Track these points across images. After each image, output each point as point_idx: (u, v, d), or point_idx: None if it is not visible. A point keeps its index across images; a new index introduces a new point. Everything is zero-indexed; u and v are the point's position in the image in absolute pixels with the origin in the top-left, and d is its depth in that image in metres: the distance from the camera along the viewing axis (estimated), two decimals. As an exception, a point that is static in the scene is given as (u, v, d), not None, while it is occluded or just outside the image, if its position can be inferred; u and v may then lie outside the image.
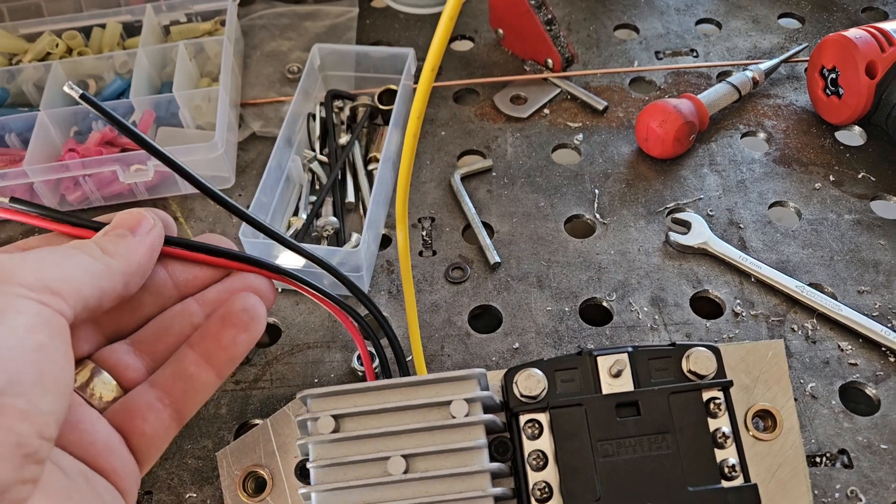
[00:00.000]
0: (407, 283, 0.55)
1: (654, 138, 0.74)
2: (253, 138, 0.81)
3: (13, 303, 0.30)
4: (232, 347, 0.40)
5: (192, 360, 0.39)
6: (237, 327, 0.40)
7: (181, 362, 0.39)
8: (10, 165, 0.77)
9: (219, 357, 0.40)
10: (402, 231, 0.52)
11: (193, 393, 0.39)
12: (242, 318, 0.40)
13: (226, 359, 0.40)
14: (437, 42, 0.43)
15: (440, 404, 0.50)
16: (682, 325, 0.65)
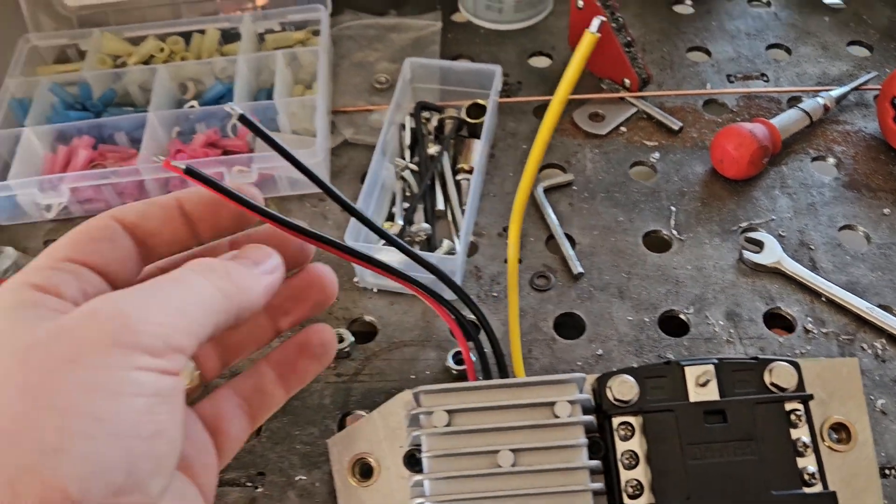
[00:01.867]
0: (512, 289, 0.59)
1: (729, 160, 0.78)
2: (344, 144, 0.86)
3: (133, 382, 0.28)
4: (304, 375, 0.44)
5: (270, 378, 0.43)
6: (311, 358, 0.44)
7: (261, 378, 0.43)
8: (121, 163, 0.82)
9: (292, 381, 0.43)
10: (514, 238, 0.56)
11: (266, 407, 0.43)
12: (317, 350, 0.44)
13: (297, 383, 0.44)
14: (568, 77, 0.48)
15: (543, 405, 0.55)
16: (755, 340, 0.69)
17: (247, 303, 0.35)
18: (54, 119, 0.86)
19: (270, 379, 0.43)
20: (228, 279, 0.34)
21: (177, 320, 0.31)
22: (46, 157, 0.83)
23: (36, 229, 0.82)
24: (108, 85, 0.89)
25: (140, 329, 0.29)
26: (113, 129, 0.84)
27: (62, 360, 0.28)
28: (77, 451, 0.26)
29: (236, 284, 0.35)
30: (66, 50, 0.94)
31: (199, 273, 0.34)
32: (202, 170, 0.38)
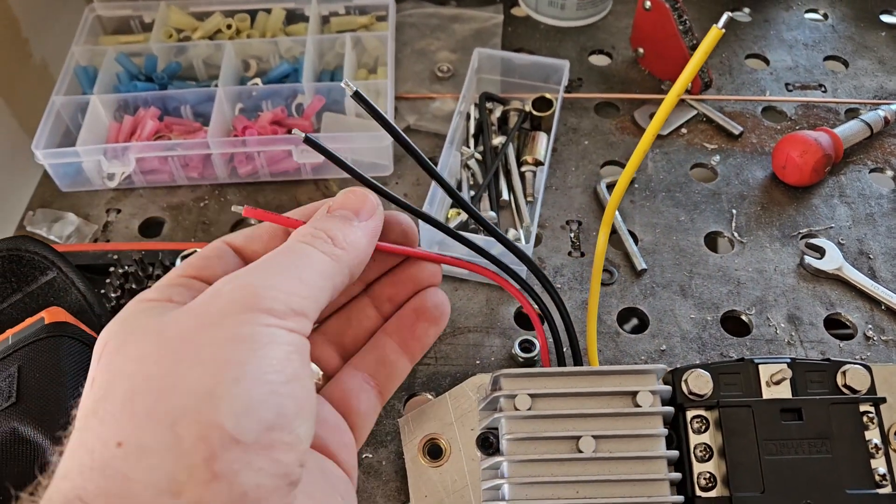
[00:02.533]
0: (595, 279, 0.60)
1: (792, 167, 0.79)
2: (407, 130, 0.86)
3: (266, 334, 0.30)
4: (424, 338, 0.43)
5: (392, 347, 0.43)
6: (429, 321, 0.43)
7: (382, 349, 0.43)
8: (186, 136, 0.82)
9: (413, 346, 0.43)
10: (605, 228, 0.57)
11: (393, 377, 0.43)
12: (434, 312, 0.43)
13: (419, 348, 0.44)
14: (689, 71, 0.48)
15: (624, 393, 0.56)
16: (816, 344, 0.70)
17: (355, 258, 0.36)
18: (120, 89, 0.86)
19: (392, 349, 0.43)
20: (333, 242, 0.35)
21: (295, 287, 0.32)
22: (112, 126, 0.83)
23: (98, 197, 0.82)
24: (172, 58, 0.89)
25: (264, 295, 0.30)
26: (178, 102, 0.84)
27: (198, 326, 0.30)
28: (228, 393, 0.28)
29: (341, 245, 0.35)
30: (129, 21, 0.94)
31: (308, 242, 0.35)
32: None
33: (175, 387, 0.28)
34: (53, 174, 0.81)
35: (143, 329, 0.30)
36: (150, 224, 0.81)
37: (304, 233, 0.35)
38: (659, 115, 0.49)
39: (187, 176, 0.82)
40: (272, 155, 0.80)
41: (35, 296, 0.63)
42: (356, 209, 0.37)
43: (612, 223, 0.57)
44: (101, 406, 0.28)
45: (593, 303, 0.61)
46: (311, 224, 0.36)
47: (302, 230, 0.36)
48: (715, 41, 0.47)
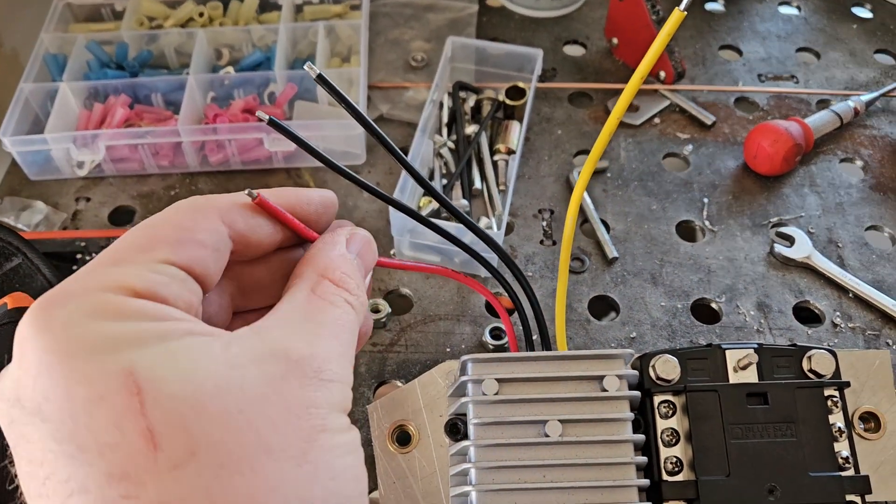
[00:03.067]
0: (563, 265, 0.60)
1: (763, 156, 0.79)
2: (379, 120, 0.86)
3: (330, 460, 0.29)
4: None
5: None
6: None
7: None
8: (157, 123, 0.81)
9: None
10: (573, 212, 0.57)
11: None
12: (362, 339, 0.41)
13: None
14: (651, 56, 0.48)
15: (591, 378, 0.56)
16: (785, 331, 0.70)
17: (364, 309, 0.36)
18: (90, 76, 0.85)
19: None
20: (360, 295, 0.35)
21: (347, 365, 0.32)
22: (82, 114, 0.83)
23: (67, 186, 0.82)
24: (143, 46, 0.88)
25: (322, 395, 0.29)
26: (149, 90, 0.84)
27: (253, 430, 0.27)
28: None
29: (362, 299, 0.35)
30: (100, 9, 0.93)
31: (339, 305, 0.33)
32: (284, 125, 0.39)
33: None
34: (21, 162, 0.80)
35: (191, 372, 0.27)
36: (121, 213, 0.80)
37: (332, 296, 0.34)
38: (623, 98, 0.49)
39: (158, 164, 0.81)
40: (243, 143, 0.80)
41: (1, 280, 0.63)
42: (360, 253, 0.37)
43: (579, 207, 0.57)
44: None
45: (561, 290, 0.61)
46: (336, 268, 0.35)
47: (339, 285, 0.34)
48: (677, 23, 0.47)
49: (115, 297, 0.28)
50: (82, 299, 0.27)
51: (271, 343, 0.29)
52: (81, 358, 0.26)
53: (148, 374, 0.25)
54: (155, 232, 0.31)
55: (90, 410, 0.25)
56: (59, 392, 0.25)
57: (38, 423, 0.26)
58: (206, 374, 0.27)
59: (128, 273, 0.29)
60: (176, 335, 0.28)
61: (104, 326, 0.27)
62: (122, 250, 0.30)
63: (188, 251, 0.31)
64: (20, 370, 0.27)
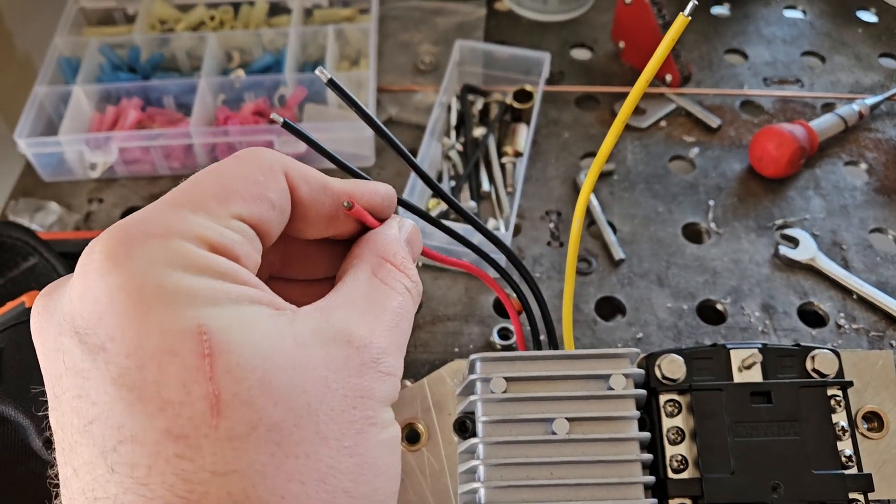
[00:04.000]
0: (570, 265, 0.61)
1: (768, 159, 0.80)
2: (388, 122, 0.87)
3: (380, 456, 0.29)
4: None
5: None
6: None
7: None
8: (169, 125, 0.83)
9: None
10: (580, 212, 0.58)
11: None
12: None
13: None
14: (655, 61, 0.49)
15: (598, 377, 0.57)
16: (789, 332, 0.71)
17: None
18: (103, 79, 0.86)
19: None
20: (418, 282, 0.35)
21: (401, 357, 0.32)
22: (94, 116, 0.84)
23: (80, 187, 0.83)
24: (155, 49, 0.89)
25: (377, 388, 0.29)
26: (161, 93, 0.85)
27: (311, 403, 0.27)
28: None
29: (420, 287, 0.35)
30: (112, 13, 0.95)
31: (405, 284, 0.34)
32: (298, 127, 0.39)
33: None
34: (36, 164, 0.81)
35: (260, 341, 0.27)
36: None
37: (402, 272, 0.34)
38: (629, 101, 0.50)
39: (169, 166, 0.82)
40: (254, 145, 0.80)
41: (17, 281, 0.64)
42: (416, 249, 0.38)
43: (586, 209, 0.58)
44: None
45: (569, 291, 0.62)
46: (396, 252, 0.35)
47: (398, 267, 0.34)
48: (682, 28, 0.47)
49: (194, 248, 0.27)
50: (163, 243, 0.26)
51: (335, 324, 0.29)
52: (157, 307, 0.25)
53: (221, 337, 0.25)
54: (229, 183, 0.30)
55: (160, 363, 0.24)
56: (129, 335, 0.25)
57: (100, 361, 0.25)
58: (275, 347, 0.26)
59: (206, 225, 0.28)
60: (248, 300, 0.27)
61: (182, 278, 0.26)
62: (199, 196, 0.29)
63: (260, 209, 0.30)
64: (83, 301, 0.25)
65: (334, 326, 0.29)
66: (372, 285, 0.33)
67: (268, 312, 0.28)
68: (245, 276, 0.28)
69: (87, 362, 0.25)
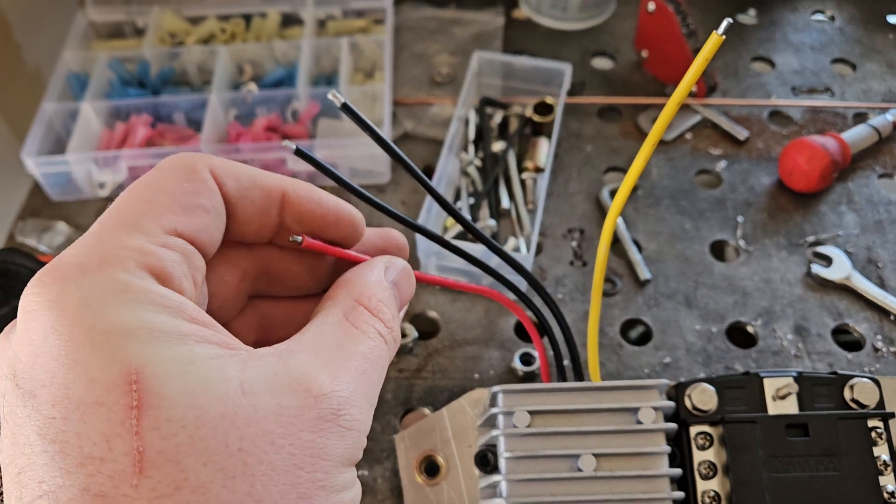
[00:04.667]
0: (596, 292, 0.58)
1: (799, 173, 0.77)
2: (404, 137, 0.85)
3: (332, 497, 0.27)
4: None
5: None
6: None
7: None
8: (180, 143, 0.81)
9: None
10: (605, 245, 0.55)
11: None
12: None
13: None
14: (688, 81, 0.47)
15: (626, 410, 0.54)
16: (824, 355, 0.68)
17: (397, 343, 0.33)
18: (112, 95, 0.85)
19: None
20: (394, 328, 0.32)
21: (369, 410, 0.29)
22: (104, 133, 0.82)
23: (89, 206, 0.81)
24: (165, 63, 0.87)
25: (345, 431, 0.27)
26: (171, 109, 0.83)
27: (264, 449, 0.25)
28: None
29: (396, 333, 0.33)
30: (122, 26, 0.93)
31: (378, 329, 0.31)
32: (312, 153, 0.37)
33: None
34: (44, 183, 0.79)
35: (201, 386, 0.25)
36: (143, 233, 0.79)
37: (378, 319, 0.32)
38: (659, 123, 0.48)
39: (181, 184, 0.80)
40: (266, 163, 0.78)
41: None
42: (405, 293, 0.35)
43: (612, 233, 0.55)
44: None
45: (594, 315, 0.60)
46: (372, 295, 0.32)
47: (375, 315, 0.32)
48: (715, 48, 0.45)
49: (132, 278, 0.25)
50: (98, 276, 0.25)
51: (293, 370, 0.27)
52: (88, 350, 0.23)
53: (153, 387, 0.23)
54: (157, 197, 0.28)
55: (84, 415, 0.23)
56: (57, 382, 0.23)
57: (30, 408, 0.24)
58: (213, 398, 0.24)
59: (142, 248, 0.26)
60: (194, 338, 0.25)
61: (118, 315, 0.24)
62: (130, 215, 0.27)
63: (195, 218, 0.28)
64: (21, 342, 0.25)
65: (291, 372, 0.27)
66: (341, 329, 0.30)
67: (214, 353, 0.26)
68: (190, 309, 0.26)
69: (19, 408, 0.24)
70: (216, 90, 0.81)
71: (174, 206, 0.28)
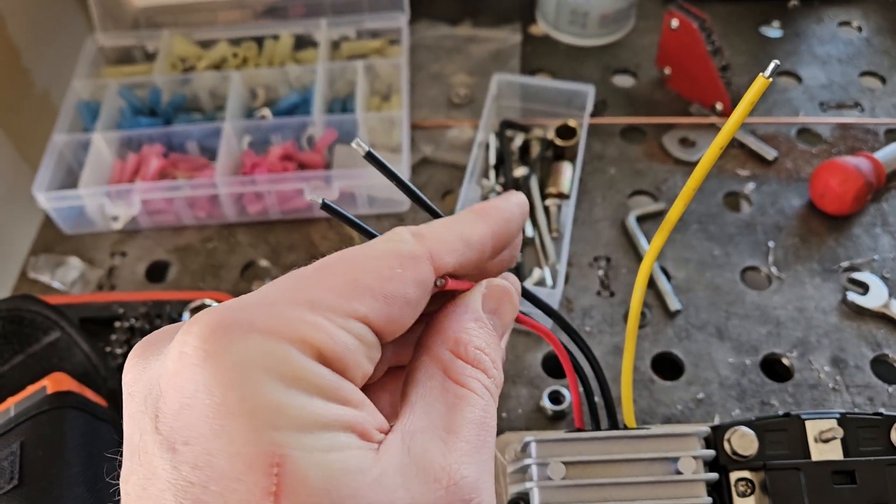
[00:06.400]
0: (631, 333, 0.56)
1: (831, 195, 0.74)
2: (423, 162, 0.83)
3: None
4: None
5: None
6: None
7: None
8: (193, 173, 0.79)
9: None
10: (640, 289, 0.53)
11: None
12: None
13: None
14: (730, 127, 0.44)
15: (664, 459, 0.52)
16: (863, 389, 0.66)
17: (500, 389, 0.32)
18: (123, 124, 0.83)
19: None
20: (497, 375, 0.31)
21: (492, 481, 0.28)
22: (116, 164, 0.80)
23: (102, 240, 0.79)
24: (177, 89, 0.85)
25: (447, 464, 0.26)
26: (184, 138, 0.81)
27: None
28: None
29: (499, 380, 0.31)
30: (132, 50, 0.91)
31: (483, 383, 0.29)
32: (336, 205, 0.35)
33: None
34: (56, 217, 0.77)
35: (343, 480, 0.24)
36: (157, 267, 0.77)
37: (463, 365, 0.30)
38: (699, 170, 0.45)
39: (195, 215, 0.78)
40: (283, 193, 0.76)
41: (38, 357, 0.60)
42: (507, 318, 0.33)
43: (647, 279, 0.53)
44: None
45: (628, 358, 0.57)
46: (469, 342, 0.30)
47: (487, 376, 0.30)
48: (761, 91, 0.42)
49: (297, 354, 0.24)
50: (264, 343, 0.24)
51: (417, 456, 0.26)
52: (237, 421, 0.23)
53: (294, 472, 0.23)
54: (360, 277, 0.27)
55: (223, 489, 0.22)
56: (201, 446, 0.23)
57: (167, 462, 0.23)
58: (351, 490, 0.24)
59: (320, 327, 0.25)
60: (341, 426, 0.25)
61: (273, 391, 0.23)
62: (321, 289, 0.26)
63: (391, 308, 0.27)
64: (170, 382, 0.24)
65: (416, 460, 0.26)
66: (447, 393, 0.29)
67: (357, 444, 0.25)
68: (346, 393, 0.25)
69: (157, 457, 0.23)
70: (229, 118, 0.79)
71: (377, 290, 0.27)
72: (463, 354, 0.30)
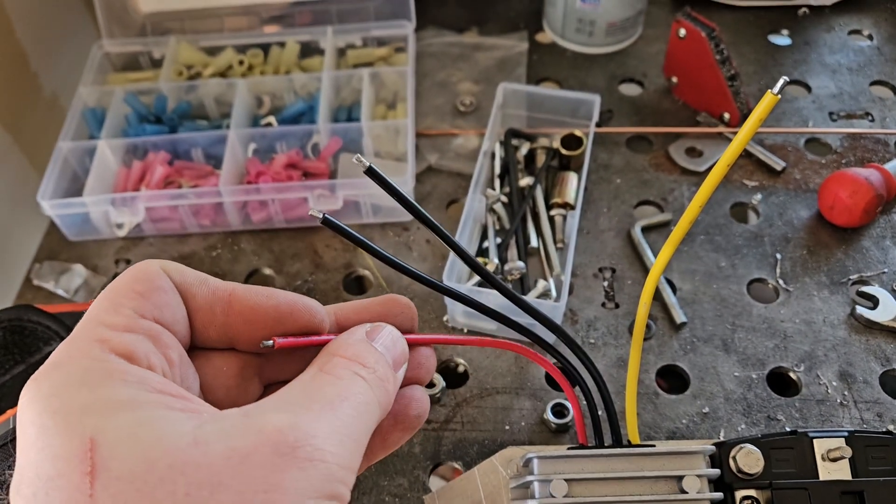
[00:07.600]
0: (636, 347, 0.55)
1: (841, 208, 0.74)
2: (428, 170, 0.82)
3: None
4: (392, 446, 0.38)
5: None
6: (405, 430, 0.38)
7: None
8: (198, 181, 0.78)
9: (378, 453, 0.38)
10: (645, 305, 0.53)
11: None
12: (414, 422, 0.38)
13: (383, 453, 0.38)
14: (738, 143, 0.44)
15: (668, 478, 0.51)
16: (872, 404, 0.65)
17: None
18: (128, 131, 0.83)
19: None
20: (377, 369, 0.32)
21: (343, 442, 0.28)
22: (121, 172, 0.80)
23: (106, 247, 0.79)
24: (182, 96, 0.85)
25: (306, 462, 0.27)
26: (189, 145, 0.81)
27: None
28: None
29: (381, 374, 0.32)
30: (138, 57, 0.91)
31: (354, 371, 0.31)
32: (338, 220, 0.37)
33: None
34: (61, 224, 0.77)
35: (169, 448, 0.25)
36: (161, 275, 0.77)
37: (365, 369, 0.32)
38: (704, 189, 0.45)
39: (199, 223, 0.78)
40: (287, 201, 0.76)
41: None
42: (396, 361, 0.35)
43: (653, 293, 0.53)
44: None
45: (633, 374, 0.57)
46: (349, 347, 0.33)
47: (361, 364, 0.32)
48: (770, 108, 0.42)
49: (96, 362, 0.27)
50: (67, 367, 0.27)
51: (252, 420, 0.27)
52: (52, 430, 0.25)
53: (107, 449, 0.25)
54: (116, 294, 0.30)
55: (49, 489, 0.25)
56: (31, 469, 0.25)
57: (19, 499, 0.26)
58: (164, 451, 0.25)
59: (104, 334, 0.28)
60: (151, 406, 0.27)
61: (80, 394, 0.26)
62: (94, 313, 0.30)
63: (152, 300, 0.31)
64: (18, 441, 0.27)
65: (248, 419, 0.27)
66: (314, 379, 0.31)
67: (171, 415, 0.27)
68: (154, 382, 0.28)
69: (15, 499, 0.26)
70: (235, 126, 0.79)
71: (131, 293, 0.30)
72: (341, 353, 0.32)
